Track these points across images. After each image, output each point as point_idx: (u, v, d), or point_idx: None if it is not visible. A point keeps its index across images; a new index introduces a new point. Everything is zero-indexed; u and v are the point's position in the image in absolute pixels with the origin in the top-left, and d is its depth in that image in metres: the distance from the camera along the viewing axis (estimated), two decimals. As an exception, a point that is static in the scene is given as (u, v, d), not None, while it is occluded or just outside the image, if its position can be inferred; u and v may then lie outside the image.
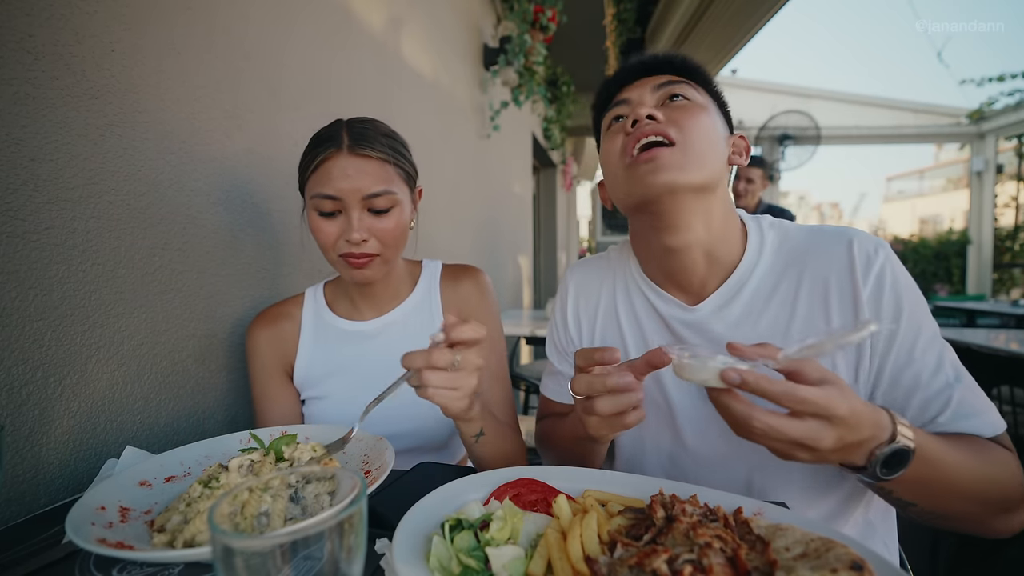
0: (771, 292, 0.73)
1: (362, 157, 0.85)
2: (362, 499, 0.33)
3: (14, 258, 0.66)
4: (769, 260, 0.75)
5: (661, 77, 0.77)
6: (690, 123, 0.71)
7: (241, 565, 0.29)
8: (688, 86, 0.76)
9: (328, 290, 1.04)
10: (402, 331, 1.00)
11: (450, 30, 2.47)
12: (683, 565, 0.39)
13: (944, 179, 17.63)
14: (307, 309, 1.01)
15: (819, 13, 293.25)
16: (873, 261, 0.68)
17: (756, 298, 0.74)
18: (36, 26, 0.68)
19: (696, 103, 0.74)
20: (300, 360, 0.98)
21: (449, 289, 1.03)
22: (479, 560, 0.45)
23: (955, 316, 5.15)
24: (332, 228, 0.85)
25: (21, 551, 0.56)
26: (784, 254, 0.75)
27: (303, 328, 0.99)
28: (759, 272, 0.74)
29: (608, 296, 0.88)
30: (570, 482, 0.59)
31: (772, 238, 0.77)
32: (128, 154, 0.81)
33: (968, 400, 0.64)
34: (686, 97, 0.74)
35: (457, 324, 0.65)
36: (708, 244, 0.74)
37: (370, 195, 0.84)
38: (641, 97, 0.76)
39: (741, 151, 0.79)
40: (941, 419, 0.64)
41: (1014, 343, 2.42)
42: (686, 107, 0.73)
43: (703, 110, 0.73)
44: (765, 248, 0.76)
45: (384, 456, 0.66)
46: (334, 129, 0.87)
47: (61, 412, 0.72)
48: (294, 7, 1.23)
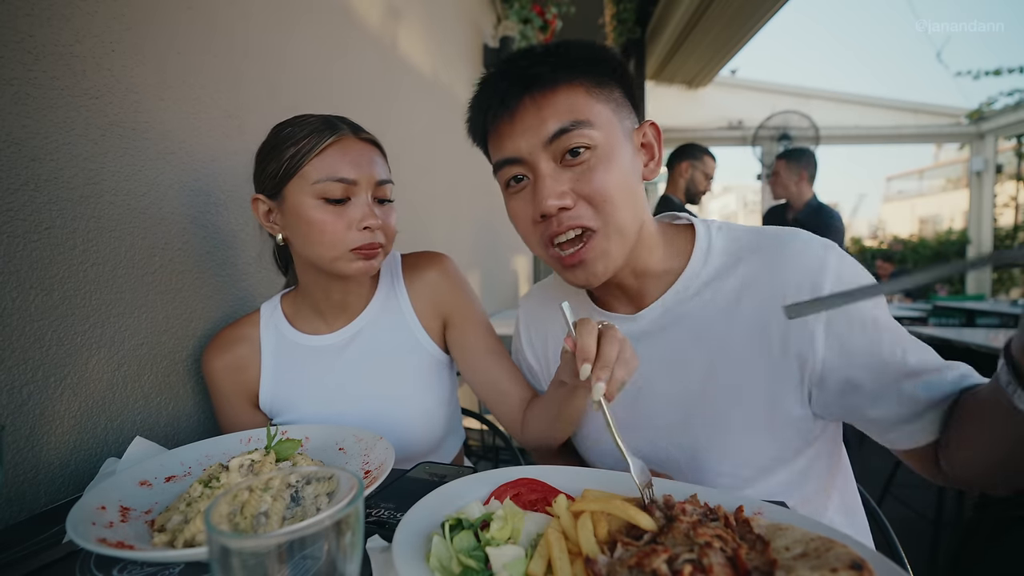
0: (712, 297, 0.71)
1: (368, 144, 0.83)
2: (359, 499, 0.33)
3: (15, 258, 0.66)
4: (717, 263, 0.73)
5: (547, 118, 0.65)
6: (603, 193, 0.65)
7: (238, 565, 0.29)
8: (583, 127, 0.65)
9: (286, 304, 0.95)
10: (372, 338, 0.93)
11: (450, 30, 2.47)
12: (683, 565, 0.39)
13: (944, 179, 17.63)
14: (265, 329, 0.92)
15: (819, 13, 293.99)
16: (827, 261, 0.66)
17: (701, 301, 0.72)
18: (37, 26, 0.68)
19: (599, 150, 0.66)
20: (264, 386, 0.90)
21: (415, 281, 0.96)
22: (479, 560, 0.45)
23: (955, 316, 5.15)
24: (340, 219, 0.79)
25: (21, 550, 0.56)
26: (732, 256, 0.73)
27: (263, 351, 0.91)
28: (707, 274, 0.73)
29: (557, 327, 0.88)
30: (570, 482, 0.59)
31: (719, 242, 0.74)
32: (128, 154, 0.82)
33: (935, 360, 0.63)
34: (586, 145, 0.65)
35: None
36: (635, 261, 0.73)
37: (381, 181, 0.82)
38: (534, 157, 0.66)
39: (653, 151, 0.73)
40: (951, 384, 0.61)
41: (1014, 343, 2.42)
42: (591, 166, 0.66)
43: (608, 161, 0.66)
44: (712, 253, 0.74)
45: (384, 456, 0.66)
46: (322, 119, 0.82)
47: (62, 412, 0.72)
48: (294, 7, 1.23)
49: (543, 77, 0.66)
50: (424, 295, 0.95)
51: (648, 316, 0.75)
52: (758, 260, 0.70)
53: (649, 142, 0.74)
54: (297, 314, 0.94)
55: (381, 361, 0.92)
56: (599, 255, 0.68)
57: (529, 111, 0.67)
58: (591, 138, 0.66)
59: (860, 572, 0.37)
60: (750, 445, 0.70)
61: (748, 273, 0.70)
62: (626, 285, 0.76)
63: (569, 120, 0.65)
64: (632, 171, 0.69)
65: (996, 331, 3.12)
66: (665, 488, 0.56)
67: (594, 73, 0.68)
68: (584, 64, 0.67)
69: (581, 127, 0.65)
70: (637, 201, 0.70)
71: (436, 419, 0.94)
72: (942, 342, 2.56)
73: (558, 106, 0.66)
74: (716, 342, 0.70)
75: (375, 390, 0.91)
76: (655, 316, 0.75)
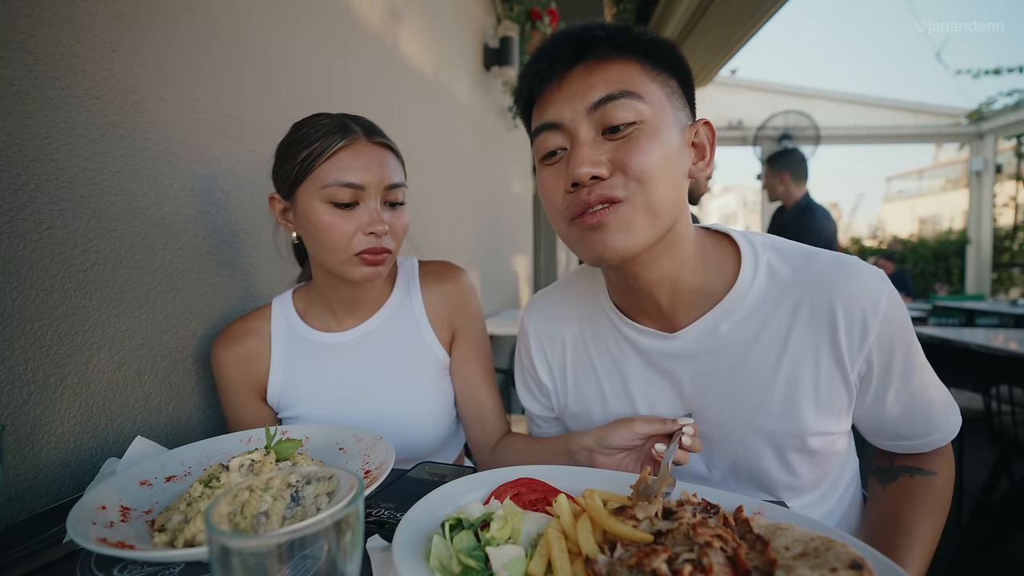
0: (763, 323, 0.68)
1: (380, 146, 0.83)
2: (359, 499, 0.33)
3: (15, 258, 0.66)
4: (762, 288, 0.69)
5: (596, 84, 0.61)
6: (641, 166, 0.59)
7: (238, 565, 0.29)
8: (632, 99, 0.60)
9: (298, 299, 0.95)
10: (384, 339, 0.93)
11: (450, 30, 2.47)
12: (683, 564, 0.39)
13: (943, 179, 17.62)
14: (276, 322, 0.92)
15: (819, 13, 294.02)
16: (879, 300, 0.65)
17: (747, 327, 0.68)
18: (37, 26, 0.68)
19: (645, 126, 0.61)
20: (273, 380, 0.91)
21: (432, 291, 0.97)
22: (479, 560, 0.45)
23: (954, 316, 5.15)
24: (347, 223, 0.79)
25: (22, 550, 0.56)
26: (780, 282, 0.68)
27: (273, 344, 0.91)
28: (750, 301, 0.68)
29: (575, 335, 0.82)
30: (570, 482, 0.59)
31: (766, 264, 0.70)
32: (129, 154, 0.82)
33: (936, 420, 0.71)
34: (632, 120, 0.60)
35: None
36: (676, 276, 0.68)
37: (391, 185, 0.81)
38: (575, 123, 0.62)
39: (704, 152, 0.68)
40: (913, 442, 0.72)
41: (1013, 342, 2.42)
42: (633, 140, 0.60)
43: (653, 137, 0.61)
44: (759, 275, 0.69)
45: (384, 456, 0.66)
46: (337, 120, 0.82)
47: (62, 411, 0.72)
48: (294, 7, 1.23)
49: (598, 46, 0.62)
50: (439, 304, 0.97)
51: (687, 336, 0.70)
52: (809, 287, 0.67)
53: (701, 142, 0.68)
54: (309, 309, 0.94)
55: (391, 362, 0.93)
56: (622, 224, 0.61)
57: (578, 76, 0.62)
58: (638, 112, 0.60)
59: (860, 572, 0.37)
60: (778, 469, 0.71)
61: (797, 300, 0.67)
62: (659, 299, 0.70)
63: (618, 88, 0.60)
64: (677, 159, 0.63)
65: (996, 331, 3.13)
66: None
67: (653, 56, 0.63)
68: (644, 44, 0.63)
69: (629, 97, 0.60)
70: (678, 188, 0.64)
71: (442, 421, 0.95)
72: (942, 342, 2.56)
73: (609, 75, 0.61)
74: (761, 367, 0.68)
75: (384, 390, 0.92)
76: (695, 336, 0.70)
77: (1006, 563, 1.93)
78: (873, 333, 0.64)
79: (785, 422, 0.68)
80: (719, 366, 0.70)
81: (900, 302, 0.67)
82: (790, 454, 0.69)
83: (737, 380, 0.69)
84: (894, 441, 0.73)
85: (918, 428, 0.70)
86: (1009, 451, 2.15)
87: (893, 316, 0.65)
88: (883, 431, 0.73)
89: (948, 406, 0.72)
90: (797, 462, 0.69)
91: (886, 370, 0.67)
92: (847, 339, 0.65)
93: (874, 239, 10.58)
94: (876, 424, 0.72)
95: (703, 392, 0.72)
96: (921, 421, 0.70)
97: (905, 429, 0.71)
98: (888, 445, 0.75)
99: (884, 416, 0.70)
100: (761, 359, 0.68)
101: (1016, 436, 2.09)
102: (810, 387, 0.67)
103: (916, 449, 0.73)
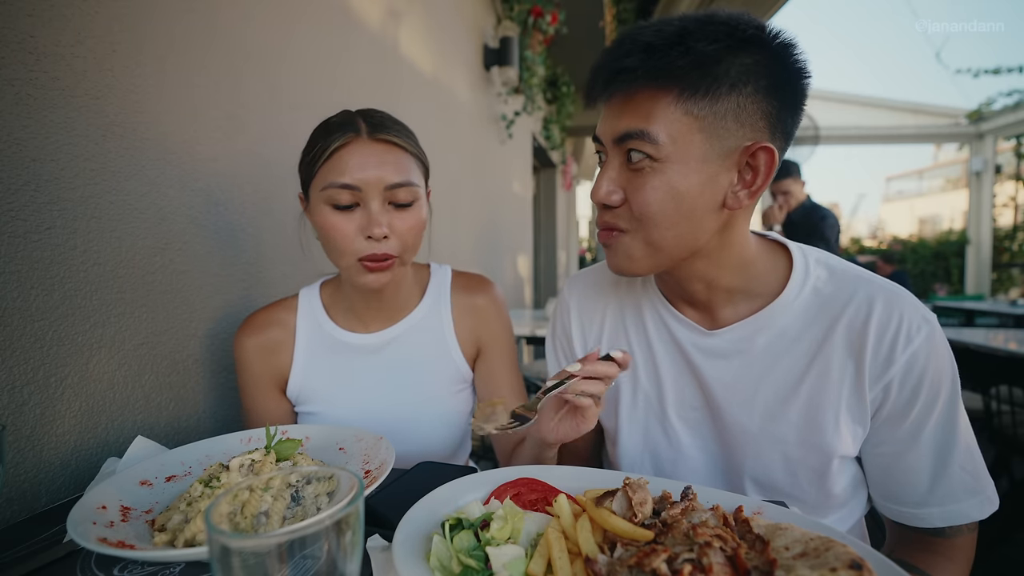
0: (797, 337, 0.68)
1: (383, 144, 0.78)
2: (359, 499, 0.33)
3: (16, 258, 0.66)
4: (805, 303, 0.68)
5: (622, 117, 0.62)
6: (641, 206, 0.62)
7: (238, 565, 0.29)
8: (641, 140, 0.60)
9: (325, 293, 0.94)
10: (408, 346, 0.92)
11: (450, 30, 2.47)
12: (683, 564, 0.39)
13: (943, 179, 17.64)
14: (302, 315, 0.92)
15: (819, 13, 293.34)
16: (915, 334, 0.63)
17: (781, 338, 0.69)
18: (38, 27, 0.68)
19: (657, 163, 0.60)
20: (295, 373, 0.90)
21: (462, 302, 0.96)
22: (479, 560, 0.45)
23: (954, 316, 5.16)
24: (349, 225, 0.77)
25: (22, 550, 0.56)
26: (822, 300, 0.68)
27: (298, 337, 0.90)
28: (790, 314, 0.69)
29: (615, 314, 0.83)
30: (570, 482, 0.59)
31: (814, 280, 0.69)
32: (129, 154, 0.82)
33: (939, 493, 0.65)
34: (647, 154, 0.60)
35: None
36: (712, 278, 0.69)
37: (392, 185, 0.77)
38: (607, 148, 0.65)
39: (754, 180, 0.62)
40: (903, 510, 0.68)
41: (1012, 343, 2.43)
42: (643, 176, 0.62)
43: (661, 175, 0.60)
44: (805, 290, 0.69)
45: (384, 456, 0.66)
46: (346, 116, 0.80)
47: (62, 411, 0.72)
48: (294, 7, 1.23)
49: (626, 76, 0.60)
50: (467, 317, 0.96)
51: (725, 336, 0.71)
52: (849, 308, 0.66)
53: (757, 166, 0.62)
54: (335, 306, 0.93)
55: (413, 370, 0.93)
56: (622, 252, 0.66)
57: (612, 105, 0.64)
58: (653, 150, 0.60)
59: (859, 572, 0.37)
60: (785, 482, 0.71)
61: (835, 318, 0.67)
62: (695, 293, 0.71)
63: (637, 127, 0.60)
64: (698, 195, 0.61)
65: (995, 331, 3.13)
66: (667, 489, 0.56)
67: (705, 78, 0.58)
68: (683, 69, 0.58)
69: (642, 138, 0.60)
70: (692, 224, 0.63)
71: (456, 430, 0.96)
72: (942, 342, 2.56)
73: (637, 108, 0.61)
74: (787, 379, 0.69)
75: (402, 397, 0.92)
76: (732, 338, 0.71)
77: (1006, 563, 1.93)
78: (898, 365, 0.63)
79: (800, 436, 0.68)
80: (748, 371, 0.71)
81: (946, 352, 0.64)
82: (800, 468, 0.69)
83: (762, 387, 0.70)
84: (885, 502, 0.70)
85: (915, 494, 0.66)
86: (1009, 451, 2.15)
87: (929, 358, 0.63)
88: (875, 482, 0.70)
89: (970, 491, 0.64)
90: (805, 479, 0.69)
91: (902, 410, 0.64)
92: (872, 362, 0.64)
93: (874, 239, 10.59)
94: (876, 474, 0.70)
95: (728, 393, 0.72)
96: (919, 484, 0.65)
97: (895, 488, 0.67)
98: (884, 508, 0.71)
99: (883, 461, 0.68)
100: (789, 370, 0.68)
101: (1015, 436, 2.09)
102: (831, 406, 0.66)
103: (908, 521, 0.68)
